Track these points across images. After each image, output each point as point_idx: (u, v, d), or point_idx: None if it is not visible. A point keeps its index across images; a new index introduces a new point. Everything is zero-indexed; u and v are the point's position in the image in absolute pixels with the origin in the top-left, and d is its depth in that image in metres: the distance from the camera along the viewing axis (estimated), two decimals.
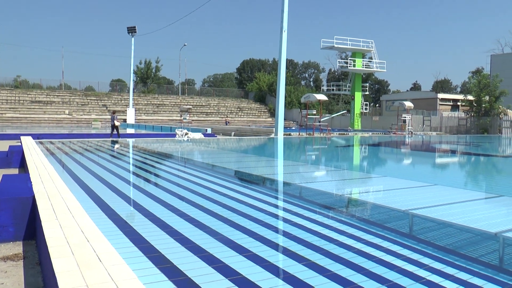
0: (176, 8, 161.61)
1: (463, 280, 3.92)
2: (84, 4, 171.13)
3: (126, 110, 57.05)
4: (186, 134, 28.05)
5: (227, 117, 63.18)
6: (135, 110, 58.34)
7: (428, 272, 4.07)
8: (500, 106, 43.95)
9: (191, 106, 53.17)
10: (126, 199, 7.27)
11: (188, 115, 36.72)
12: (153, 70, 78.04)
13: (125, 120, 54.34)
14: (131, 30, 56.88)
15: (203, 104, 68.95)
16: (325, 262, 4.21)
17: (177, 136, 27.96)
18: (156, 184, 9.35)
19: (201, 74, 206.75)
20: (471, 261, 4.51)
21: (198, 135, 28.92)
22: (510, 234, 4.75)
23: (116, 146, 20.04)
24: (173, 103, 67.22)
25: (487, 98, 43.57)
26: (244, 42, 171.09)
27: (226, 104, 70.78)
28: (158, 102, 66.71)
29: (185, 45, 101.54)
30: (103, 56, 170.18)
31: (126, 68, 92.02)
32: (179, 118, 47.24)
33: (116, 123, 28.10)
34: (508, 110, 46.16)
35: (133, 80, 65.13)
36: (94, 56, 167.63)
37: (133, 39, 57.00)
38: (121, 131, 29.71)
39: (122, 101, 63.71)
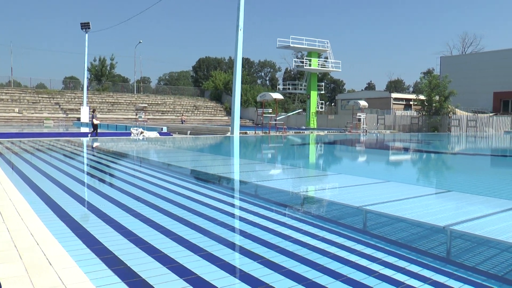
0: (131, 4, 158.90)
1: (413, 272, 4.04)
2: None
3: (80, 109, 55.70)
4: (142, 133, 27.67)
5: (183, 115, 62.64)
6: (89, 109, 57.01)
7: (381, 266, 4.17)
8: (449, 106, 45.43)
9: (146, 105, 52.41)
10: (80, 200, 7.10)
11: (143, 113, 36.20)
12: (108, 68, 76.37)
13: (78, 119, 53.04)
14: (85, 26, 55.48)
15: (159, 102, 68.16)
16: (280, 259, 4.24)
17: (132, 135, 27.53)
18: (110, 185, 9.18)
19: (157, 72, 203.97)
20: (422, 254, 4.65)
21: (154, 134, 28.58)
22: (457, 227, 4.91)
23: (96, 144, 19.75)
24: (128, 101, 66.13)
25: (437, 98, 44.96)
26: (200, 40, 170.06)
27: (182, 103, 70.19)
28: (113, 100, 65.47)
29: (140, 42, 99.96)
30: (56, 53, 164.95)
31: (80, 65, 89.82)
32: (134, 116, 46.53)
33: (95, 122, 28.15)
34: (456, 109, 47.75)
35: (87, 77, 63.62)
36: (45, 52, 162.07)
37: (86, 35, 55.67)
38: (74, 130, 29.28)
39: (76, 99, 62.18)
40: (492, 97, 58.61)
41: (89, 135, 27.69)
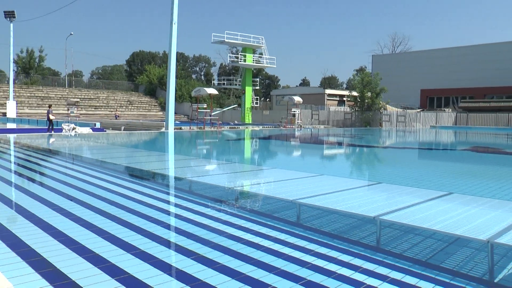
0: None
1: (345, 261, 4.17)
2: None
3: (5, 103, 52.97)
4: (74, 129, 26.75)
5: (117, 111, 61.11)
6: (17, 103, 54.30)
7: (314, 257, 4.27)
8: (380, 102, 47.06)
9: (78, 99, 50.79)
10: (5, 201, 6.76)
11: (75, 108, 35.06)
12: (37, 60, 72.93)
13: (4, 114, 50.51)
14: (9, 15, 52.65)
15: (92, 97, 66.06)
16: (214, 255, 4.25)
17: (63, 131, 26.55)
18: (40, 183, 8.81)
19: (89, 66, 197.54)
20: (353, 244, 4.81)
21: (86, 130, 27.69)
22: (386, 217, 5.11)
23: (52, 140, 18.91)
24: (59, 95, 63.57)
25: (369, 94, 46.44)
26: (134, 34, 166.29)
27: (115, 98, 68.38)
28: (43, 95, 62.70)
29: (71, 34, 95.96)
30: None
31: (5, 56, 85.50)
32: (66, 112, 44.91)
33: (51, 117, 27.55)
34: (387, 105, 49.52)
35: (14, 70, 60.62)
36: None
37: (11, 24, 52.92)
38: (0, 126, 28.18)
39: (1, 93, 59.09)
40: (420, 94, 61.36)
41: (52, 131, 26.85)
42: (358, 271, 3.94)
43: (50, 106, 30.44)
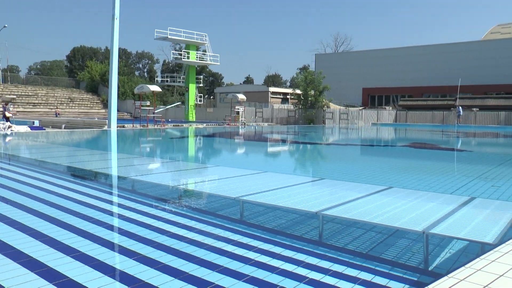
0: None
1: (288, 257, 4.22)
2: None
3: None
4: (10, 127, 25.64)
5: (57, 108, 59.08)
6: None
7: (257, 253, 4.29)
8: (323, 100, 47.89)
9: (15, 96, 48.56)
10: None
11: (12, 106, 33.60)
12: None
13: None
14: None
15: (30, 94, 63.51)
16: (157, 255, 4.19)
17: None
18: None
19: (27, 61, 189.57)
20: (296, 239, 4.87)
21: (24, 128, 26.61)
22: (328, 212, 5.21)
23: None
24: None
25: (312, 92, 47.16)
26: (74, 28, 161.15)
27: (55, 95, 66.04)
28: None
29: (5, 26, 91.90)
30: None
31: None
32: (0, 109, 43.02)
33: (7, 114, 26.43)
34: (330, 103, 50.49)
35: None
36: None
37: None
38: None
39: None
40: (361, 92, 63.03)
41: (9, 128, 25.45)
42: (301, 265, 3.99)
43: (7, 103, 28.86)
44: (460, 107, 44.68)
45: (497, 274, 3.19)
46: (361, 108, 54.86)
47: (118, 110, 33.46)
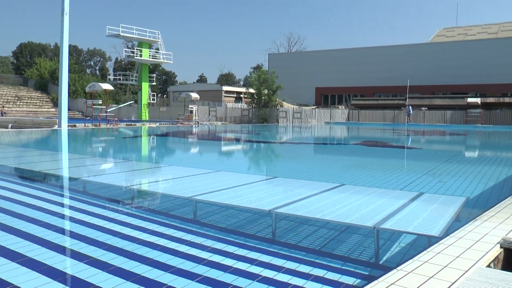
0: None
1: (241, 255, 4.22)
2: None
3: None
4: None
5: (3, 107, 56.98)
6: None
7: (211, 253, 4.27)
8: (277, 99, 48.23)
9: None
10: None
11: None
12: None
13: None
14: None
15: None
16: (108, 257, 4.10)
17: None
18: None
19: None
20: (249, 238, 4.88)
21: None
22: (281, 209, 5.25)
23: None
24: None
25: (266, 91, 47.41)
26: (21, 23, 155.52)
27: (1, 93, 63.64)
28: None
29: None
30: None
31: None
32: None
33: None
34: (284, 102, 50.87)
35: None
36: None
37: None
38: None
39: None
40: (315, 91, 63.88)
41: None
42: (254, 264, 4.00)
43: None
44: (410, 107, 45.99)
45: (442, 265, 3.32)
46: (314, 107, 55.57)
47: (69, 109, 32.66)
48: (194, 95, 40.73)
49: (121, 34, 46.93)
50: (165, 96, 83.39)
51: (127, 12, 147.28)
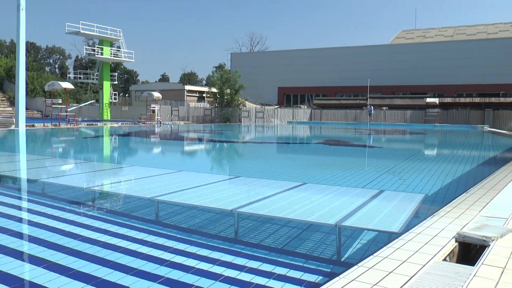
0: None
1: (203, 256, 4.22)
2: None
3: None
4: None
5: None
6: None
7: (173, 254, 4.25)
8: (239, 98, 48.25)
9: None
10: None
11: None
12: None
13: None
14: None
15: None
16: (68, 261, 4.02)
17: None
18: None
19: None
20: (212, 238, 4.88)
21: None
22: (243, 209, 5.27)
23: None
24: None
25: (228, 91, 47.36)
26: None
27: None
28: None
29: None
30: None
31: None
32: None
33: None
34: (246, 101, 50.93)
35: None
36: None
37: None
38: None
39: None
40: (277, 91, 64.23)
41: None
42: (216, 263, 4.00)
43: None
44: (371, 106, 46.79)
45: (401, 260, 3.41)
46: (276, 107, 55.83)
47: (27, 109, 31.79)
48: (156, 95, 40.33)
49: (81, 31, 45.99)
50: (127, 95, 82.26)
51: (87, 9, 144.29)
